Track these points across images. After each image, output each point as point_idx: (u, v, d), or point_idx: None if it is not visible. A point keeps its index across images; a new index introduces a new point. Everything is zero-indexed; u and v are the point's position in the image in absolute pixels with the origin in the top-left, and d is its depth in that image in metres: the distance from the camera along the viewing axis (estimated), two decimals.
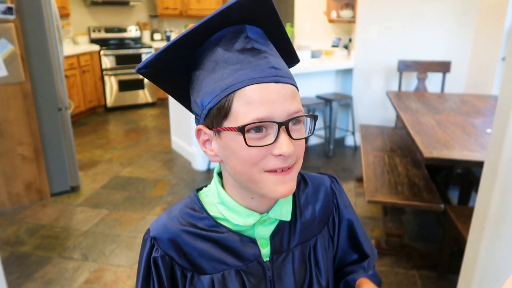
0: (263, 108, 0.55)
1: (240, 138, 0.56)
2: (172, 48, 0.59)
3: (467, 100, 3.01)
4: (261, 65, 0.57)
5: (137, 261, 2.34)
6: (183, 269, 0.66)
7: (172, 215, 0.68)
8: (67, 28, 5.42)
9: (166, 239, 0.65)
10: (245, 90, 0.56)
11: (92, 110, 5.56)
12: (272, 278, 0.68)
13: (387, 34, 3.92)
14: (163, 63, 0.61)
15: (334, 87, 4.34)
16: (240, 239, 0.66)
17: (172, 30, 6.29)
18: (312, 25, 4.95)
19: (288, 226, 0.69)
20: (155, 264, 0.65)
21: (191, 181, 3.43)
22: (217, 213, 0.67)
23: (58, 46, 2.98)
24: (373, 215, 2.86)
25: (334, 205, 0.76)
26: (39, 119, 2.95)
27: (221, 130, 0.59)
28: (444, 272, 2.22)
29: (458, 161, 1.91)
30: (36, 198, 3.06)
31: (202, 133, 0.62)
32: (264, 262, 0.67)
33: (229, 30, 0.60)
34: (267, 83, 0.56)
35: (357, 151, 4.19)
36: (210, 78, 0.59)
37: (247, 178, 0.59)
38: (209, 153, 0.63)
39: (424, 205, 2.15)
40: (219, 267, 0.66)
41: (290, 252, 0.69)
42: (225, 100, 0.57)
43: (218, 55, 0.59)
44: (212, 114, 0.59)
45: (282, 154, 0.56)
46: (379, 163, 2.63)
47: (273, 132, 0.56)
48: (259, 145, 0.56)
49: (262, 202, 0.65)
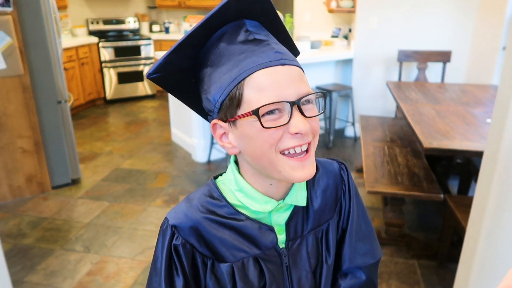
0: (274, 90, 0.57)
1: (257, 123, 0.57)
2: (179, 50, 0.61)
3: (467, 90, 3.00)
4: (266, 51, 0.59)
5: (139, 252, 2.37)
6: (203, 257, 0.67)
7: (192, 203, 0.68)
8: (65, 20, 5.38)
9: (187, 227, 0.66)
10: (253, 76, 0.58)
11: (92, 103, 5.55)
12: (289, 264, 0.69)
13: (387, 24, 3.90)
14: (172, 65, 0.62)
15: (334, 78, 4.32)
16: (259, 227, 0.67)
17: (170, 22, 6.24)
18: (311, 15, 4.92)
19: (301, 212, 0.71)
20: (176, 252, 0.66)
21: (191, 173, 3.44)
22: (235, 201, 0.68)
23: (57, 38, 2.97)
24: (373, 206, 2.87)
25: (343, 191, 0.77)
26: (38, 112, 2.95)
27: (236, 120, 0.60)
28: (444, 261, 2.23)
29: (458, 151, 1.91)
30: (37, 191, 3.07)
31: (217, 128, 0.64)
32: (281, 249, 0.69)
33: (230, 26, 0.62)
34: (274, 67, 0.58)
35: (357, 141, 4.19)
36: (217, 72, 0.60)
37: (267, 162, 0.61)
38: (227, 146, 0.64)
39: (424, 195, 2.16)
40: (238, 255, 0.67)
41: (304, 238, 0.71)
42: (235, 90, 0.58)
43: (222, 50, 0.61)
44: (225, 107, 0.60)
45: (298, 131, 0.58)
46: (379, 154, 2.63)
47: (287, 113, 0.58)
48: (275, 126, 0.58)
49: (279, 188, 0.67)
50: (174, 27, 6.31)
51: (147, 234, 2.55)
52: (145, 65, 5.72)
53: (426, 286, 2.10)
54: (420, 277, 2.16)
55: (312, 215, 0.71)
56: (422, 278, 2.15)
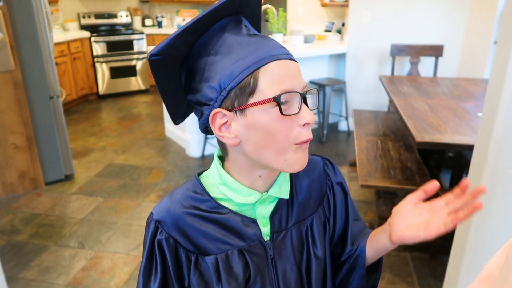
0: (288, 81, 0.60)
1: (272, 110, 0.59)
2: (184, 33, 0.61)
3: (459, 84, 3.03)
4: (274, 45, 0.62)
5: (133, 247, 2.37)
6: (187, 252, 0.68)
7: (175, 198, 0.69)
8: (56, 14, 5.32)
9: (170, 222, 0.67)
10: (269, 66, 0.60)
11: (84, 98, 5.51)
12: (273, 257, 0.70)
13: (380, 18, 3.91)
14: (173, 49, 0.62)
15: (327, 72, 4.33)
16: (241, 220, 0.68)
17: (163, 16, 6.20)
18: (304, 10, 4.91)
19: (286, 205, 0.72)
20: (159, 246, 0.67)
21: (185, 168, 3.44)
22: (218, 194, 0.68)
23: (48, 33, 2.94)
24: (366, 199, 2.89)
25: (328, 187, 0.78)
26: (30, 107, 2.93)
27: (247, 108, 0.60)
28: (435, 253, 2.27)
29: (450, 145, 1.93)
30: (30, 187, 3.05)
31: (218, 117, 0.63)
32: (265, 241, 0.70)
33: (230, 19, 0.64)
34: (285, 60, 0.62)
35: (350, 136, 4.21)
36: (226, 60, 0.61)
37: (274, 151, 0.62)
38: (226, 137, 0.63)
39: (416, 188, 2.18)
40: (222, 247, 0.67)
41: (288, 230, 0.72)
42: (250, 78, 0.59)
43: (230, 40, 0.62)
44: (234, 95, 0.60)
45: (308, 122, 0.61)
46: (372, 148, 2.65)
47: (296, 104, 0.61)
48: (291, 114, 0.60)
49: (267, 179, 0.68)
50: (167, 22, 6.27)
51: (141, 230, 2.55)
52: (138, 59, 5.69)
53: (418, 278, 2.13)
54: (413, 269, 2.19)
55: (296, 208, 0.73)
56: (414, 270, 2.19)
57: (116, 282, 2.11)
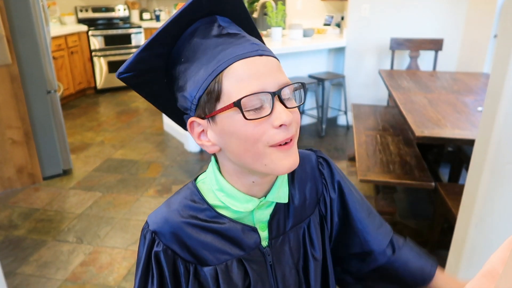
0: (255, 81, 0.55)
1: (238, 116, 0.55)
2: (150, 47, 0.59)
3: (458, 78, 3.01)
4: (242, 43, 0.58)
5: (132, 242, 2.36)
6: (186, 263, 0.65)
7: (172, 207, 0.66)
8: (53, 8, 5.28)
9: (168, 233, 0.64)
10: (232, 68, 0.56)
11: (82, 92, 5.48)
12: (273, 262, 0.68)
13: (380, 12, 3.88)
14: (143, 63, 0.60)
15: (326, 66, 4.31)
16: (241, 228, 0.65)
17: (161, 9, 6.15)
18: (303, 3, 4.88)
19: (283, 209, 0.69)
20: (156, 259, 0.64)
21: (184, 162, 3.43)
22: (216, 201, 0.66)
23: (45, 27, 2.91)
24: (365, 194, 2.89)
25: (324, 185, 0.75)
26: (28, 102, 2.91)
27: (215, 114, 0.57)
28: (435, 248, 2.26)
29: (449, 140, 1.92)
30: (28, 182, 3.04)
31: (195, 126, 0.61)
32: (264, 248, 0.68)
33: (202, 21, 0.60)
34: (252, 57, 0.57)
35: (349, 130, 4.20)
36: (193, 67, 0.58)
37: (252, 156, 0.58)
38: (206, 145, 0.61)
39: (415, 183, 2.18)
40: (222, 257, 0.65)
41: (286, 235, 0.70)
42: (214, 83, 0.56)
43: (196, 44, 0.59)
44: (202, 102, 0.58)
45: (283, 123, 0.56)
46: (371, 142, 2.64)
47: (268, 104, 0.56)
48: (257, 117, 0.55)
49: (262, 185, 0.65)
50: (165, 15, 6.22)
51: (140, 224, 2.55)
52: None
53: None
54: None
55: (293, 211, 0.70)
56: None
57: (114, 277, 2.10)
